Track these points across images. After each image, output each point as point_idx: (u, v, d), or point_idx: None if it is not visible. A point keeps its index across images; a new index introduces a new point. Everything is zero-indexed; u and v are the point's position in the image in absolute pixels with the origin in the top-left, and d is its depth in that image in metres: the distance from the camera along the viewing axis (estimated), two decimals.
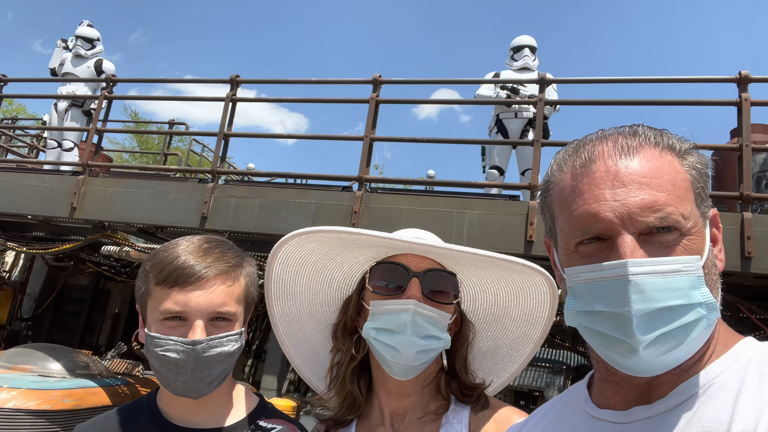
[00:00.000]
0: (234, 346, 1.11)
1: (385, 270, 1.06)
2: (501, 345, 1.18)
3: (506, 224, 4.49)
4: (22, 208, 5.91)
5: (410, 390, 1.09)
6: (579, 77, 5.34)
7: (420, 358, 1.03)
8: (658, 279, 0.70)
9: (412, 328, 1.00)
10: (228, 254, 1.15)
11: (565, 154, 0.83)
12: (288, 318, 1.19)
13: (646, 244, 0.73)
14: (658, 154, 0.77)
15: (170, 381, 1.08)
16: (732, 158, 4.83)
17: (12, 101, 21.31)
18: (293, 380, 5.99)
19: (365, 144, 5.15)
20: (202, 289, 1.08)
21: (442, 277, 1.06)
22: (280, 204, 5.09)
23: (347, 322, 1.13)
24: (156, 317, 1.09)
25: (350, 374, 1.13)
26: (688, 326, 0.70)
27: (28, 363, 5.20)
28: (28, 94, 10.86)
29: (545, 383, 6.03)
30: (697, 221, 0.75)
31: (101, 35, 8.05)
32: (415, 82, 5.89)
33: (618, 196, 0.73)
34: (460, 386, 1.11)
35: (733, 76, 4.52)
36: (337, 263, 1.12)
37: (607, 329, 0.72)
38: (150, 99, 16.34)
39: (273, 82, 6.26)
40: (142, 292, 1.14)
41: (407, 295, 1.02)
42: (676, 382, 0.75)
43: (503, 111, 6.57)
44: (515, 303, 1.13)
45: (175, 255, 1.10)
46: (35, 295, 9.57)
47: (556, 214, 0.82)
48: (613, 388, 0.81)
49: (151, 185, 5.59)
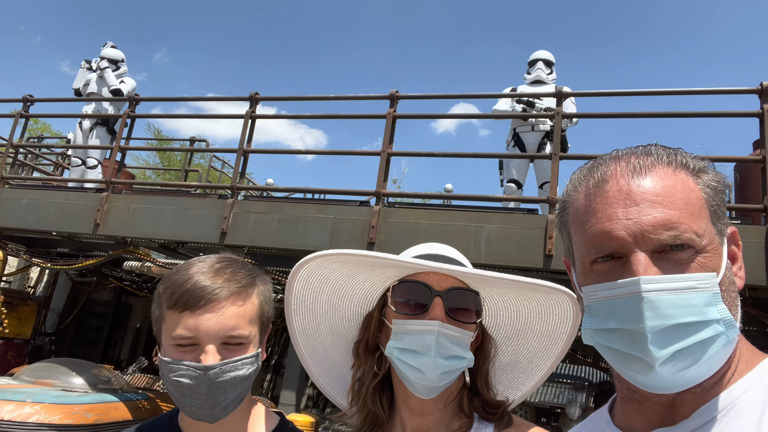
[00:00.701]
0: (249, 369, 1.09)
1: (408, 288, 1.05)
2: (521, 359, 1.17)
3: (525, 238, 4.46)
4: (46, 224, 6.04)
5: (433, 408, 1.08)
6: (597, 90, 5.33)
7: (444, 379, 1.02)
8: (672, 296, 0.70)
9: (437, 349, 0.99)
10: (239, 274, 1.12)
11: (580, 174, 0.85)
12: (308, 333, 1.18)
13: (661, 262, 0.73)
14: (671, 173, 0.77)
15: (185, 406, 1.07)
16: (755, 170, 4.75)
17: (37, 120, 21.86)
18: (312, 395, 5.98)
19: (382, 159, 5.17)
20: (212, 312, 1.05)
21: (465, 296, 1.05)
22: (298, 219, 5.13)
23: (369, 340, 1.12)
24: (169, 342, 1.07)
25: (372, 391, 1.12)
26: (705, 343, 0.70)
27: (51, 377, 5.28)
28: (53, 114, 11.12)
29: (567, 400, 5.92)
30: (712, 239, 0.75)
31: (126, 56, 8.26)
32: (431, 97, 5.92)
33: (630, 214, 0.74)
34: (483, 404, 1.10)
35: (755, 87, 4.46)
36: (359, 281, 1.12)
37: (624, 347, 0.73)
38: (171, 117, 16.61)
39: (291, 99, 6.34)
40: (156, 316, 1.13)
41: (431, 315, 1.01)
42: (699, 402, 0.75)
43: (520, 125, 6.56)
44: (537, 319, 1.12)
45: (186, 277, 1.08)
46: (59, 310, 9.72)
47: (572, 233, 0.84)
48: (636, 408, 0.81)
49: (172, 201, 5.68)
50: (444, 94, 6.04)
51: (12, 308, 8.42)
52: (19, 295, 8.84)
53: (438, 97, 5.84)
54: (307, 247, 5.06)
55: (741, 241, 0.83)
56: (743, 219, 4.78)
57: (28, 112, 7.10)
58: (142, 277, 8.42)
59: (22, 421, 4.21)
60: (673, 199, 0.74)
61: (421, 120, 44.57)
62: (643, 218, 0.73)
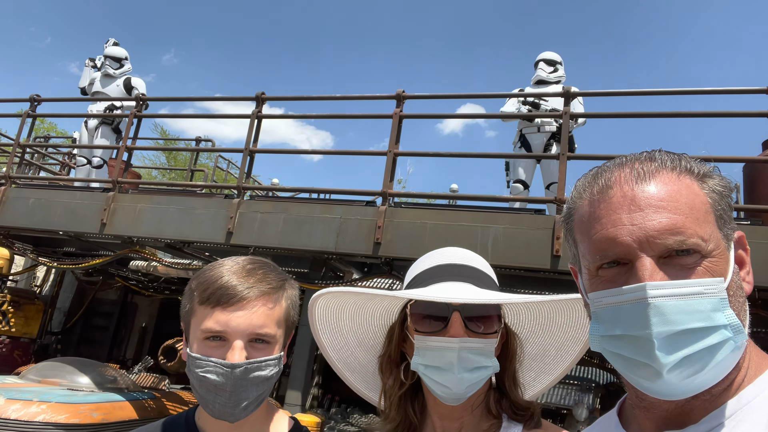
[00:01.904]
0: (272, 370, 1.12)
1: (426, 305, 1.05)
2: (550, 349, 1.18)
3: (532, 239, 4.43)
4: (53, 224, 6.05)
5: (462, 412, 1.09)
6: (605, 90, 5.29)
7: (472, 390, 1.03)
8: (679, 301, 0.70)
9: (460, 364, 1.00)
10: (270, 276, 1.16)
11: (584, 181, 0.84)
12: (338, 347, 1.21)
13: (666, 267, 0.73)
14: (675, 178, 0.77)
15: (208, 403, 1.09)
16: (764, 171, 4.72)
17: (44, 120, 21.96)
18: (317, 395, 5.97)
19: (389, 159, 5.16)
20: (243, 310, 1.09)
21: (483, 305, 1.04)
22: (304, 219, 5.12)
23: (392, 354, 1.14)
24: (197, 336, 1.11)
25: (399, 401, 1.13)
26: (713, 348, 0.69)
27: (58, 377, 5.29)
28: (60, 114, 11.16)
29: (573, 401, 5.90)
30: (718, 243, 0.75)
31: (134, 58, 8.27)
32: (438, 97, 5.90)
33: (635, 220, 0.74)
34: (512, 405, 1.10)
35: (764, 87, 4.43)
36: (377, 301, 1.13)
37: (631, 353, 0.72)
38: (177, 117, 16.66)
39: (297, 98, 6.33)
40: (186, 311, 1.16)
41: (451, 333, 1.01)
42: (708, 408, 0.74)
43: (526, 126, 6.55)
44: (560, 313, 1.12)
45: (219, 275, 1.12)
46: (65, 309, 9.76)
47: (578, 239, 0.84)
48: (644, 414, 0.81)
49: (178, 201, 5.68)
50: (450, 94, 6.03)
51: (18, 307, 8.46)
52: (25, 294, 8.87)
53: (444, 96, 5.82)
54: (313, 247, 5.06)
55: (749, 241, 0.82)
56: (753, 220, 4.74)
57: (35, 111, 7.13)
58: (148, 277, 8.44)
59: (28, 420, 4.22)
60: (677, 204, 0.74)
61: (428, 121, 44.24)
62: (648, 224, 0.73)
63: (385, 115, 5.46)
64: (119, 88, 7.95)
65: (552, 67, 6.74)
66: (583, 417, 5.66)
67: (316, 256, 5.51)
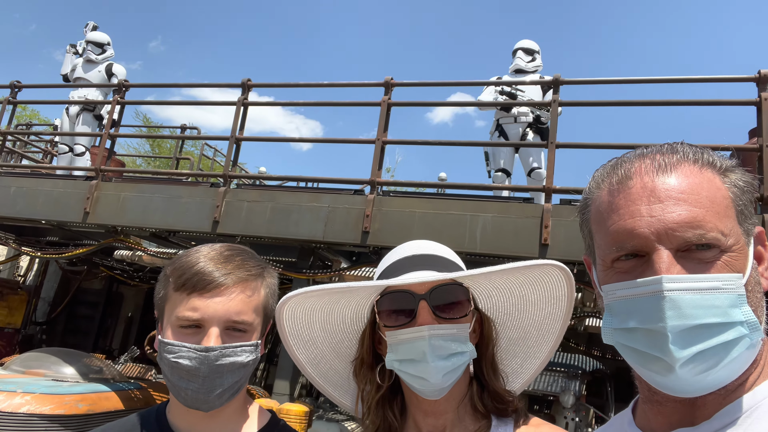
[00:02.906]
0: (248, 357, 1.09)
1: (391, 300, 1.04)
2: (530, 330, 1.16)
3: (520, 227, 4.43)
4: (36, 213, 5.95)
5: (446, 407, 1.07)
6: (591, 78, 5.28)
7: (450, 378, 1.01)
8: (696, 296, 0.69)
9: (433, 353, 0.98)
10: (249, 263, 1.13)
11: (603, 171, 0.83)
12: (315, 361, 1.18)
13: (684, 261, 0.71)
14: (697, 171, 0.76)
15: (181, 390, 1.06)
16: (752, 159, 4.74)
17: (26, 107, 21.56)
18: (305, 384, 5.97)
19: (377, 147, 5.12)
20: (221, 296, 1.06)
21: (450, 290, 1.03)
22: (292, 208, 5.07)
23: (365, 357, 1.12)
24: (172, 322, 1.07)
25: (377, 404, 1.11)
26: (728, 345, 0.68)
27: (42, 367, 5.23)
28: (42, 100, 10.95)
29: (560, 388, 5.95)
30: (738, 238, 0.73)
31: (120, 45, 8.12)
32: (426, 84, 5.86)
33: (654, 211, 0.73)
34: (493, 397, 1.08)
35: (752, 75, 4.44)
36: (343, 304, 1.11)
37: (644, 346, 0.71)
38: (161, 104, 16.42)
39: (284, 85, 6.26)
40: (160, 296, 1.13)
41: (419, 321, 1.00)
42: (721, 403, 0.73)
43: (503, 116, 6.53)
44: (532, 289, 1.11)
45: (195, 261, 1.09)
46: (49, 299, 9.65)
47: (594, 230, 0.82)
48: (656, 409, 0.80)
49: (163, 190, 5.61)
50: (438, 82, 5.97)
51: (2, 297, 8.35)
52: (8, 284, 8.75)
53: (433, 84, 5.78)
54: (300, 236, 5.02)
55: None
56: None
57: (15, 98, 6.98)
58: (133, 266, 8.35)
59: (12, 411, 4.17)
60: (698, 197, 0.73)
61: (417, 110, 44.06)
62: (667, 216, 0.72)
63: (373, 102, 5.41)
64: (101, 74, 7.80)
65: (530, 56, 6.71)
66: (569, 403, 5.70)
67: (304, 245, 5.47)
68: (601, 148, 5.07)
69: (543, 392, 6.00)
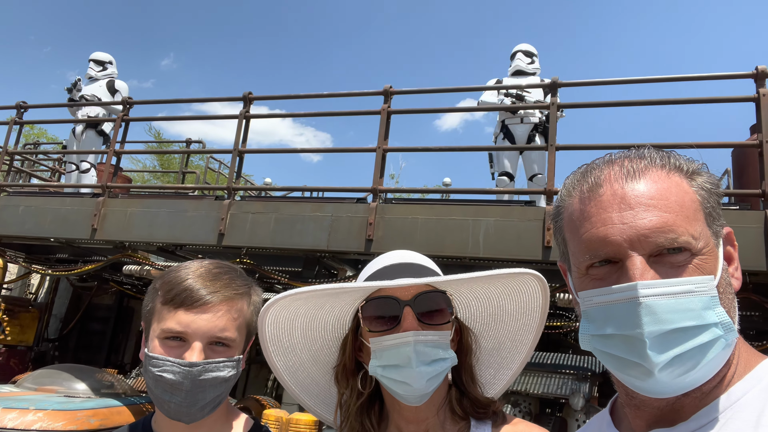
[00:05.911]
0: (230, 372, 1.12)
1: (376, 305, 1.05)
2: (505, 340, 1.18)
3: (523, 230, 4.44)
4: (44, 231, 6.03)
5: (427, 413, 1.09)
6: (590, 80, 5.29)
7: (432, 384, 1.03)
8: (670, 300, 0.70)
9: (417, 358, 1.00)
10: (236, 282, 1.16)
11: (574, 179, 0.84)
12: (293, 369, 1.19)
13: (657, 266, 0.72)
14: (665, 176, 0.77)
15: (164, 403, 1.09)
16: (753, 155, 4.73)
17: (33, 126, 21.80)
18: None
19: (378, 155, 5.16)
20: (207, 313, 1.10)
21: (433, 298, 1.05)
22: (295, 218, 5.11)
23: (347, 363, 1.13)
24: (157, 335, 1.10)
25: (357, 412, 1.12)
26: (704, 347, 0.69)
27: (54, 384, 5.28)
28: (47, 120, 11.09)
29: (570, 390, 5.92)
30: (708, 241, 0.75)
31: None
32: (425, 92, 5.89)
33: (625, 218, 0.74)
34: (472, 402, 1.10)
35: (751, 72, 4.44)
36: (327, 310, 1.12)
37: (622, 352, 0.72)
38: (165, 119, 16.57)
39: (284, 97, 6.31)
40: (148, 309, 1.16)
41: (404, 327, 1.01)
42: (698, 405, 0.74)
43: (509, 117, 6.53)
44: (509, 299, 1.13)
45: (184, 276, 1.12)
46: (61, 315, 9.73)
47: (567, 238, 0.83)
48: (635, 412, 0.81)
49: (168, 204, 5.67)
50: (438, 88, 5.98)
51: (13, 315, 8.43)
52: (20, 302, 8.84)
53: (432, 91, 5.80)
54: (305, 246, 5.05)
55: (739, 226, 0.82)
56: (742, 204, 4.76)
57: (21, 118, 7.08)
58: (142, 281, 8.42)
59: (25, 428, 4.22)
60: (668, 202, 0.74)
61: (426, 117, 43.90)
62: (638, 222, 0.73)
63: (372, 111, 5.45)
64: (102, 88, 7.91)
65: (530, 58, 6.73)
66: (579, 406, 5.67)
67: (309, 255, 5.50)
68: (601, 149, 5.08)
69: (553, 395, 5.97)
